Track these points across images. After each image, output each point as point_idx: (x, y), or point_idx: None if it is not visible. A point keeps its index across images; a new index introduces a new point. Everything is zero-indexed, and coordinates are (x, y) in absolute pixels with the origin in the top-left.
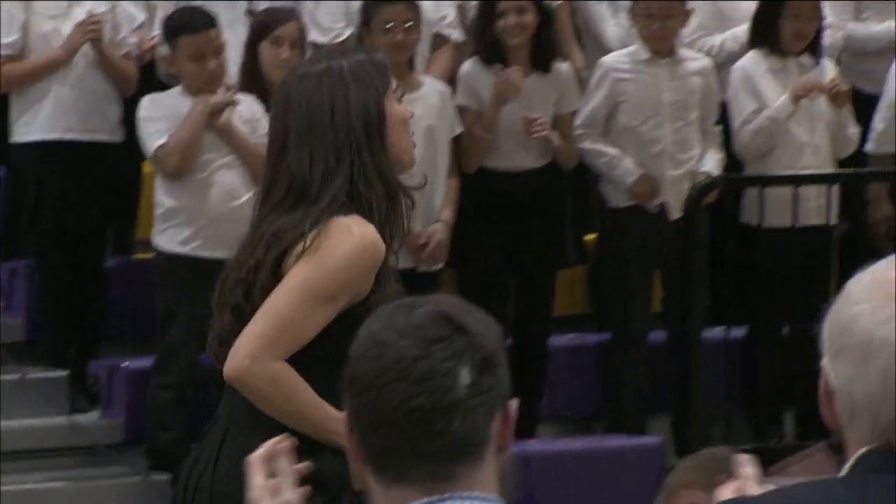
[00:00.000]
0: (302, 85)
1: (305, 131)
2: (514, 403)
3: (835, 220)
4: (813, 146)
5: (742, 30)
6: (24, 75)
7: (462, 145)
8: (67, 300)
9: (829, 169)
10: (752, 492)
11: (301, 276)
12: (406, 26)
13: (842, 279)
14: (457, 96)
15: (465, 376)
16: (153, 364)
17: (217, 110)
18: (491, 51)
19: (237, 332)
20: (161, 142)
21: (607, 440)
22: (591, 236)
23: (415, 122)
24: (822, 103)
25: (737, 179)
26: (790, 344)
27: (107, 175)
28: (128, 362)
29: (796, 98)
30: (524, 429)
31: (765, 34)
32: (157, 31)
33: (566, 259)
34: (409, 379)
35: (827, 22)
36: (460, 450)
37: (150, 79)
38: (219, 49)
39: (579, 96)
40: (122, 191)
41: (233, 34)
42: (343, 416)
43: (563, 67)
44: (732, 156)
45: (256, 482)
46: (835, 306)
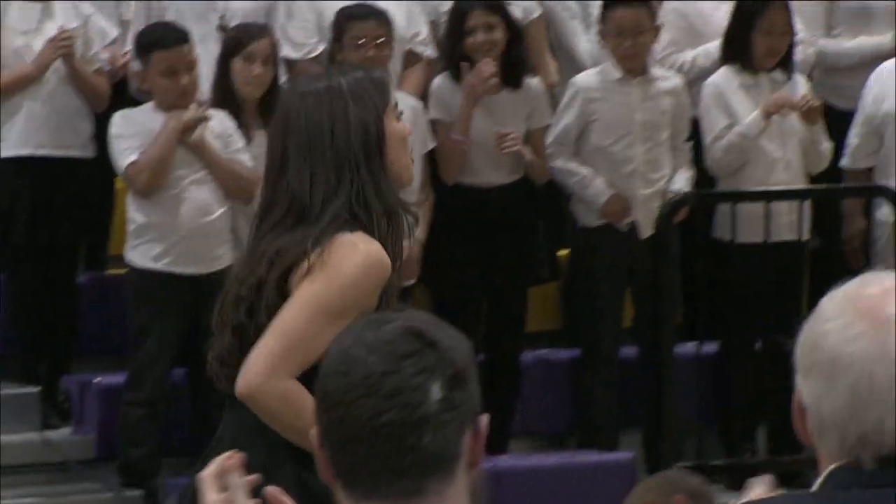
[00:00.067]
0: (302, 103)
1: (305, 150)
2: (484, 419)
3: (807, 235)
4: (785, 162)
5: (714, 45)
6: None
7: (438, 157)
8: (39, 316)
9: (800, 185)
10: None
11: (311, 293)
12: (378, 42)
13: (813, 295)
14: (429, 111)
15: (436, 391)
16: (125, 380)
17: (189, 127)
18: (461, 67)
19: (238, 352)
20: (132, 159)
21: (579, 456)
22: (563, 252)
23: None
24: (793, 119)
25: (709, 195)
26: (762, 359)
27: (79, 191)
28: (100, 378)
29: (767, 114)
30: (496, 444)
31: (737, 50)
32: (129, 47)
33: (538, 275)
34: (379, 394)
35: (799, 38)
36: (431, 465)
37: (122, 94)
38: (191, 65)
39: (551, 111)
40: (95, 206)
41: (204, 50)
42: (313, 433)
43: (534, 82)
44: (704, 171)
45: (210, 498)
46: (808, 323)
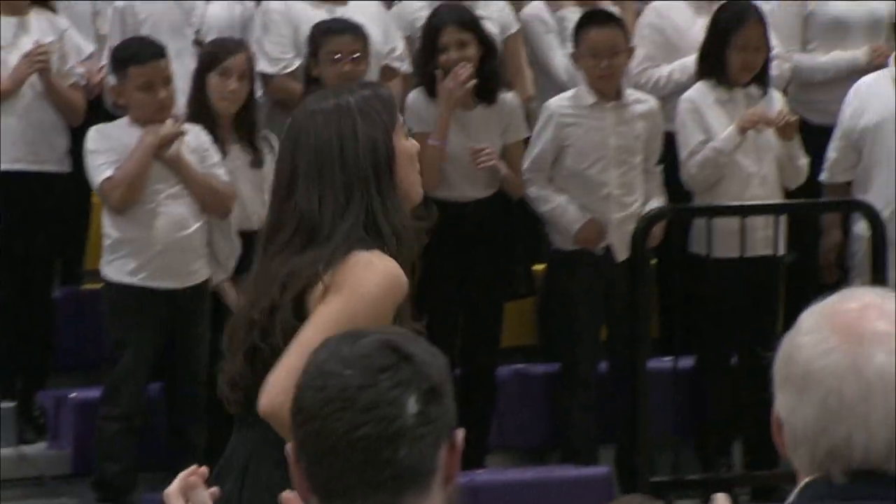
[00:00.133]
0: (311, 122)
1: (314, 170)
2: (460, 434)
3: (782, 250)
4: (760, 177)
5: (690, 60)
6: None
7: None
8: (15, 330)
9: (776, 199)
10: None
11: (331, 310)
12: (353, 57)
13: (789, 310)
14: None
15: (412, 405)
16: (101, 395)
17: (166, 142)
18: (434, 84)
19: (251, 375)
20: (107, 174)
21: (556, 470)
22: (540, 267)
23: None
24: (769, 135)
25: (685, 210)
26: (738, 374)
27: (55, 205)
28: (75, 393)
29: (742, 130)
30: (473, 459)
31: (712, 65)
32: (104, 62)
33: (514, 289)
34: (355, 408)
35: (774, 53)
36: (407, 479)
37: (98, 109)
38: (168, 79)
39: (526, 125)
40: (70, 221)
41: (180, 64)
42: (289, 448)
43: (509, 97)
44: (680, 186)
45: None
46: (786, 336)
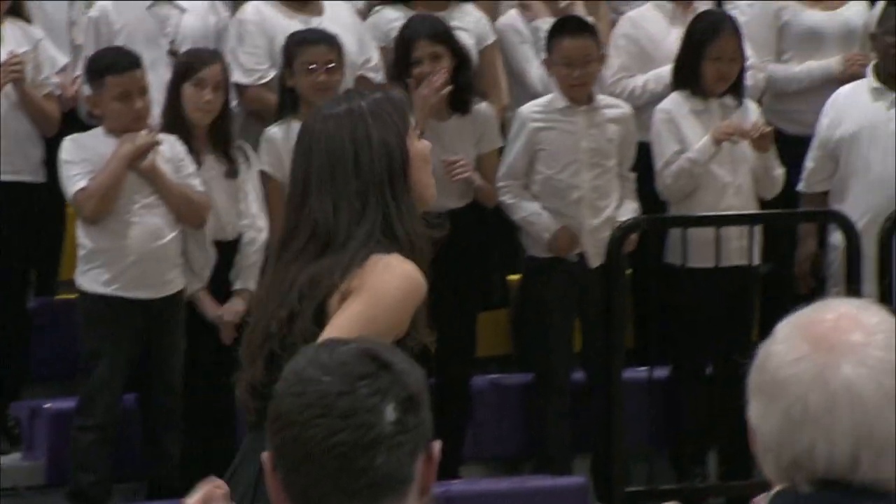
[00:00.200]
0: (323, 128)
1: (328, 176)
2: (437, 445)
3: (757, 260)
4: (735, 187)
5: (666, 70)
6: None
7: None
8: None
9: (751, 210)
10: None
11: (353, 313)
12: (328, 67)
13: (765, 320)
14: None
15: (390, 413)
16: (76, 405)
17: (141, 153)
18: (408, 95)
19: (271, 383)
20: (81, 185)
21: (531, 480)
22: (514, 277)
23: None
24: (745, 145)
25: (660, 220)
26: (713, 384)
27: (29, 216)
28: (50, 404)
29: (717, 141)
30: (448, 469)
31: (687, 76)
32: (79, 72)
33: (489, 299)
34: (333, 414)
35: (749, 63)
36: (384, 487)
37: (73, 119)
38: (144, 89)
39: (500, 135)
40: (45, 231)
41: (155, 75)
42: (266, 457)
43: (483, 107)
44: (655, 196)
45: None
46: (762, 345)
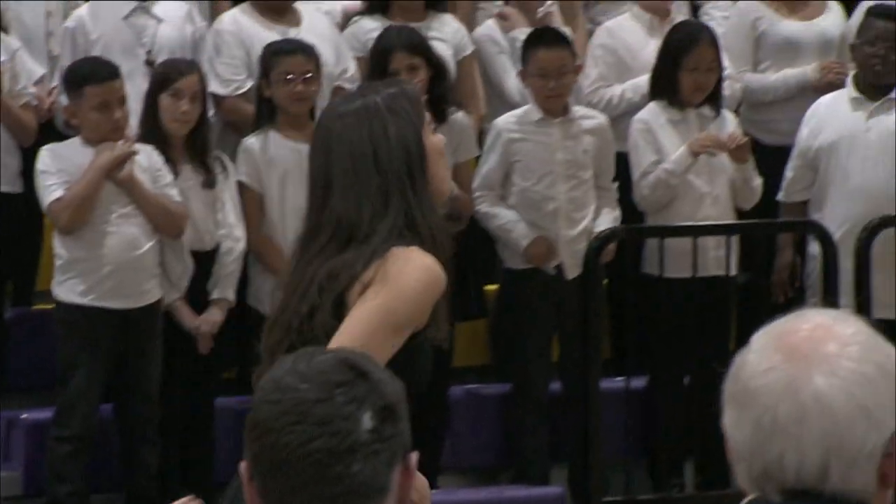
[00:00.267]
0: (341, 125)
1: (350, 174)
2: (414, 457)
3: (734, 270)
4: (713, 197)
5: (643, 80)
6: None
7: None
8: None
9: (728, 220)
10: None
11: (373, 306)
12: (306, 77)
13: (743, 329)
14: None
15: (367, 421)
16: (52, 416)
17: (118, 163)
18: None
19: None
20: (57, 195)
21: (508, 490)
22: (492, 287)
23: None
24: (722, 155)
25: (637, 230)
26: (691, 394)
27: (6, 226)
28: (27, 414)
29: (695, 154)
30: (426, 479)
31: (664, 86)
32: (55, 83)
33: (467, 310)
34: (309, 421)
35: (726, 73)
36: (360, 494)
37: (49, 129)
38: (123, 99)
39: (477, 144)
40: (22, 242)
41: (132, 85)
42: (243, 466)
43: (459, 116)
44: (633, 206)
45: None
46: (739, 354)
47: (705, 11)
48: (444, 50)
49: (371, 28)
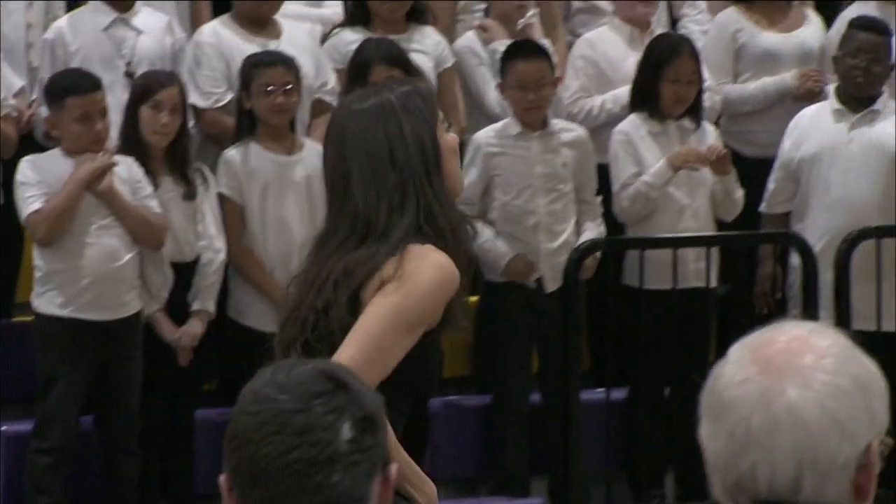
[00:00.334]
0: (355, 124)
1: (368, 171)
2: (394, 468)
3: (714, 282)
4: (693, 209)
5: (623, 91)
6: None
7: None
8: None
9: (708, 232)
10: None
11: (390, 302)
12: (286, 89)
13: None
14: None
15: (346, 431)
16: (32, 428)
17: (98, 175)
18: None
19: None
20: (35, 207)
21: (489, 501)
22: (473, 299)
23: (296, 182)
24: (703, 168)
25: (617, 241)
26: (671, 406)
27: None
28: (6, 426)
29: (675, 168)
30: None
31: (645, 98)
32: (35, 95)
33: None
34: (288, 432)
35: (706, 85)
36: None
37: (29, 140)
38: (104, 111)
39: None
40: (2, 253)
41: (111, 96)
42: (222, 478)
43: None
44: (614, 218)
45: None
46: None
47: (683, 25)
48: (424, 62)
49: (352, 40)
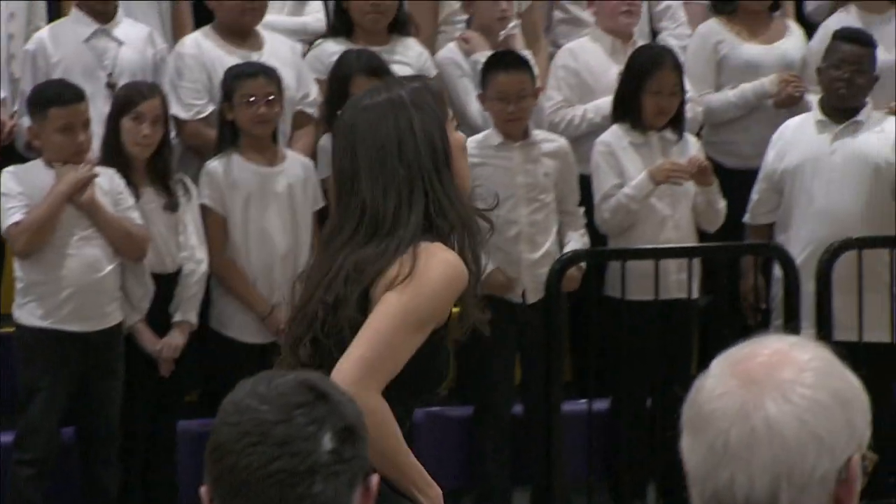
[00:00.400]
0: (365, 119)
1: (376, 166)
2: (375, 478)
3: (696, 293)
4: (675, 220)
5: (605, 101)
6: None
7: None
8: None
9: (690, 243)
10: None
11: (400, 301)
12: (268, 100)
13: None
14: (318, 169)
15: (327, 442)
16: (13, 439)
17: (79, 187)
18: None
19: (316, 369)
20: (15, 219)
21: None
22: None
23: (278, 193)
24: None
25: (599, 252)
26: (652, 416)
27: None
28: None
29: (657, 182)
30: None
31: (627, 109)
32: (17, 106)
33: None
34: (269, 442)
35: (688, 97)
36: None
37: (10, 151)
38: (87, 122)
39: None
40: None
41: (93, 107)
42: (204, 490)
43: None
44: (595, 229)
45: None
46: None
47: (662, 39)
48: (407, 74)
49: (334, 51)
